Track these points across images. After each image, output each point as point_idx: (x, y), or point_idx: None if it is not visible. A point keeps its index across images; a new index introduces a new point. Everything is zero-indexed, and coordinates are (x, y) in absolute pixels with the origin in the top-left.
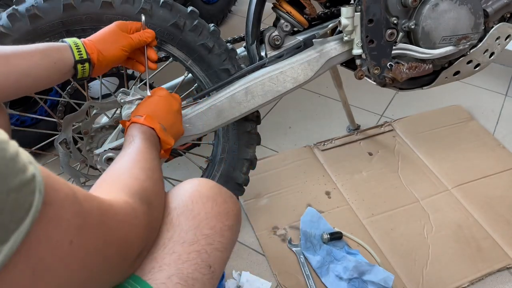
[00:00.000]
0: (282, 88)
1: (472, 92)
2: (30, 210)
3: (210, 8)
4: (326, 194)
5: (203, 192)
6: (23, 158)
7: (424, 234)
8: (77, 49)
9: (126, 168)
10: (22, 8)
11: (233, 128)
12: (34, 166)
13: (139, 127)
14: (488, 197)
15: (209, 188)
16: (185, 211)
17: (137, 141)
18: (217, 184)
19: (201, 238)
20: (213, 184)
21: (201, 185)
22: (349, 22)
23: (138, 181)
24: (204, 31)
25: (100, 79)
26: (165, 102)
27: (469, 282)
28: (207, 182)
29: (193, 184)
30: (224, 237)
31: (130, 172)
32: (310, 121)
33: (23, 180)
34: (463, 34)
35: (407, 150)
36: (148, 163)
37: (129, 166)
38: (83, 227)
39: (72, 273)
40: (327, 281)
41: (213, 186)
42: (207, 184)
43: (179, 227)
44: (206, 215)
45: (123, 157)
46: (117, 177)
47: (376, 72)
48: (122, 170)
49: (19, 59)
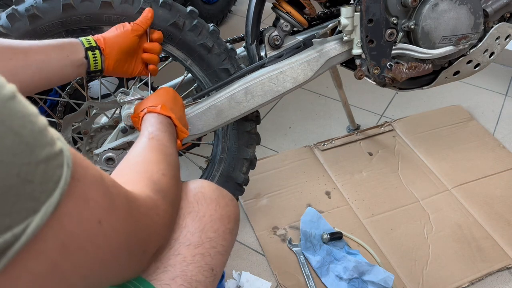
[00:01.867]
0: (282, 88)
1: (472, 92)
2: (59, 182)
3: (210, 8)
4: (326, 194)
5: (206, 194)
6: (52, 132)
7: (424, 234)
8: (86, 40)
9: (153, 161)
10: (21, 8)
11: (233, 128)
12: (62, 141)
13: (157, 117)
14: (488, 197)
15: (212, 190)
16: (191, 212)
17: (157, 131)
18: (218, 186)
19: (205, 241)
20: (215, 186)
21: (204, 187)
22: (349, 22)
23: (165, 177)
24: (204, 31)
25: (100, 79)
26: (172, 95)
27: (469, 282)
28: (210, 184)
29: (196, 185)
30: (226, 240)
31: (157, 166)
32: (310, 121)
33: (52, 153)
34: (463, 34)
35: (407, 150)
36: (172, 158)
37: (155, 158)
38: (110, 210)
39: (99, 253)
40: (327, 281)
41: (216, 189)
42: (210, 186)
43: (185, 228)
44: (211, 218)
45: (145, 145)
46: (144, 168)
47: (376, 72)
48: (147, 162)
49: (37, 53)
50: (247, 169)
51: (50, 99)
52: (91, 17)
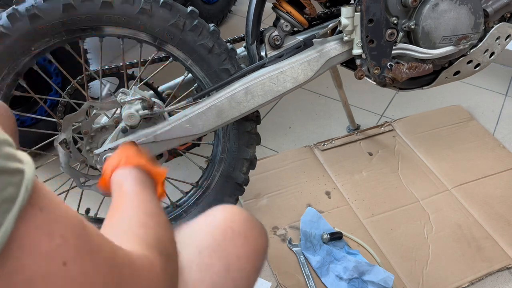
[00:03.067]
0: (282, 88)
1: (472, 92)
2: (13, 203)
3: (210, 8)
4: (326, 194)
5: (235, 228)
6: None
7: (424, 234)
8: None
9: (131, 216)
10: (22, 8)
11: (233, 128)
12: (27, 166)
13: (123, 172)
14: (488, 197)
15: (242, 222)
16: (218, 250)
17: (127, 185)
18: (249, 216)
19: (229, 281)
20: (246, 216)
21: (234, 220)
22: (349, 22)
23: (150, 229)
24: (204, 31)
25: (100, 79)
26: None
27: (469, 282)
28: (240, 214)
29: (226, 215)
30: (249, 279)
31: (136, 220)
32: (310, 121)
33: (4, 167)
34: (463, 34)
35: (407, 150)
36: (150, 206)
37: (132, 213)
38: (84, 254)
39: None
40: (327, 281)
41: (246, 220)
42: (240, 217)
43: (212, 268)
44: (237, 256)
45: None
46: (125, 227)
47: (376, 72)
48: (127, 219)
49: None
50: (247, 169)
51: (50, 99)
52: (91, 17)
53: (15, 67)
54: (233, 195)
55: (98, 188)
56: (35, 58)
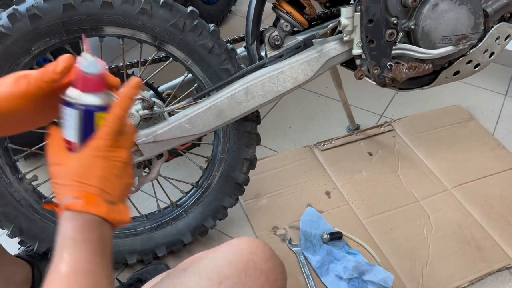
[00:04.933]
0: (282, 88)
1: (472, 92)
2: None
3: (210, 8)
4: (326, 194)
5: (258, 264)
6: None
7: (424, 234)
8: None
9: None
10: (22, 8)
11: (233, 128)
12: None
13: (76, 219)
14: (488, 197)
15: (265, 259)
16: (238, 284)
17: (73, 251)
18: (273, 255)
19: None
20: (269, 254)
21: (258, 254)
22: (349, 22)
23: None
24: (204, 31)
25: None
26: (107, 160)
27: (469, 282)
28: (264, 250)
29: (250, 248)
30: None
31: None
32: (310, 121)
33: None
34: (463, 34)
35: (407, 150)
36: (90, 282)
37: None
38: None
39: None
40: (327, 281)
41: (269, 258)
42: (264, 254)
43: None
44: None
45: (61, 284)
46: None
47: (376, 72)
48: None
49: None
50: (247, 169)
51: None
52: (91, 17)
53: (15, 67)
54: (233, 195)
55: None
56: (35, 58)
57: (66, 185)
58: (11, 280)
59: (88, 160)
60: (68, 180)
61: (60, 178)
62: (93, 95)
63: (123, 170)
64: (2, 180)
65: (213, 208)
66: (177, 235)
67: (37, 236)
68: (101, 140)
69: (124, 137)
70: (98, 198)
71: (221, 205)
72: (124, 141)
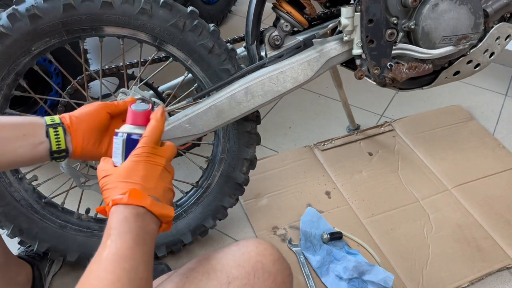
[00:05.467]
0: (282, 88)
1: (472, 92)
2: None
3: (210, 8)
4: (326, 194)
5: (266, 266)
6: None
7: (424, 234)
8: (50, 118)
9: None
10: (22, 8)
11: (233, 128)
12: None
13: (121, 212)
14: (488, 197)
15: (273, 261)
16: (247, 285)
17: (116, 239)
18: (280, 256)
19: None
20: (277, 256)
21: (266, 256)
22: (349, 22)
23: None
24: (204, 31)
25: (100, 79)
26: (147, 163)
27: (469, 282)
28: (272, 252)
29: (258, 249)
30: None
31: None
32: (310, 121)
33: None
34: (463, 34)
35: (407, 150)
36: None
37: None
38: None
39: None
40: (327, 281)
41: (277, 260)
42: (272, 256)
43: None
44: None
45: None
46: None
47: (376, 72)
48: None
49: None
50: (247, 169)
51: (50, 99)
52: (91, 17)
53: (15, 67)
54: (233, 195)
55: (99, 189)
56: (35, 58)
57: (114, 187)
58: (13, 281)
59: (131, 164)
60: (115, 183)
61: (110, 184)
62: (138, 127)
63: (162, 174)
64: (2, 180)
65: (213, 208)
66: (177, 235)
67: (37, 236)
68: (141, 148)
69: (162, 148)
70: (141, 192)
71: (221, 205)
72: (162, 151)
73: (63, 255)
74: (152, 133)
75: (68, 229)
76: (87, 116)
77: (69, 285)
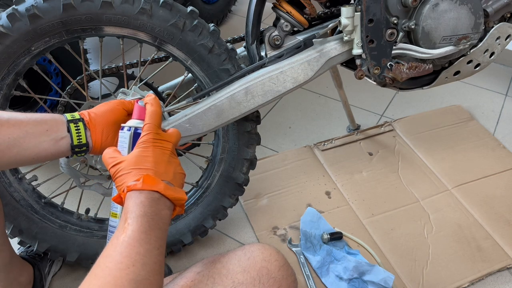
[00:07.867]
0: (282, 88)
1: (472, 92)
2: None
3: (210, 8)
4: (326, 194)
5: (271, 271)
6: None
7: (424, 234)
8: (70, 114)
9: (124, 268)
10: (22, 8)
11: (233, 128)
12: None
13: (137, 196)
14: (488, 197)
15: (279, 267)
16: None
17: (133, 222)
18: (286, 263)
19: None
20: (283, 262)
21: (271, 261)
22: (349, 22)
23: (140, 285)
24: (204, 31)
25: (100, 79)
26: (155, 148)
27: (469, 282)
28: (277, 258)
29: (264, 255)
30: None
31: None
32: (310, 121)
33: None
34: (463, 34)
35: (407, 150)
36: (148, 257)
37: (126, 265)
38: None
39: None
40: (327, 281)
41: (282, 266)
42: (277, 262)
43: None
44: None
45: (106, 259)
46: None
47: (376, 72)
48: (119, 269)
49: (10, 128)
50: (247, 169)
51: (50, 99)
52: (91, 17)
53: (15, 67)
54: (233, 195)
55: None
56: (35, 58)
57: (128, 173)
58: (16, 281)
59: (140, 151)
60: (128, 169)
61: (122, 170)
62: (144, 122)
63: (171, 158)
64: (2, 180)
65: (213, 208)
66: (177, 235)
67: (37, 236)
68: (146, 135)
69: (167, 133)
70: (154, 177)
71: (221, 205)
72: (168, 136)
73: (63, 255)
74: (151, 118)
75: (68, 229)
76: (105, 113)
77: (69, 285)
